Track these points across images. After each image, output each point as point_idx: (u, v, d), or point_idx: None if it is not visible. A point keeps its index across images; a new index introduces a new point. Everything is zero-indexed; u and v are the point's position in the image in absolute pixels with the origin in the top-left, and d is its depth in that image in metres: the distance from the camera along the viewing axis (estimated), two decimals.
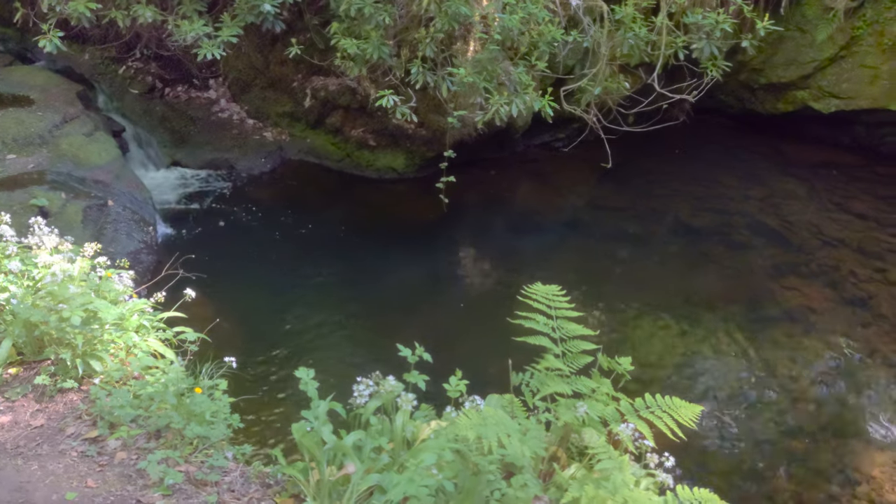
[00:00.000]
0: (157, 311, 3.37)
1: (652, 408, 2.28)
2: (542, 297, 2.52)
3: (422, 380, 2.57)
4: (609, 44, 6.44)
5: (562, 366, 2.36)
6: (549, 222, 6.50)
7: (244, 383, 3.74)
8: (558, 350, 2.39)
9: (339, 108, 7.40)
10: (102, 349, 3.01)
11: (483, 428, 1.97)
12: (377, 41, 5.92)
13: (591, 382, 2.38)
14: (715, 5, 6.48)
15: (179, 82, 7.95)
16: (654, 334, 4.88)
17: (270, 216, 6.50)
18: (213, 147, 7.48)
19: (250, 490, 2.46)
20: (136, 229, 6.18)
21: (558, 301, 2.50)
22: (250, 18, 6.23)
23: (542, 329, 2.41)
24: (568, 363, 2.38)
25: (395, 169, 7.31)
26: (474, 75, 5.81)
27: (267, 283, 5.31)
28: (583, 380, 2.38)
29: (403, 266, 5.68)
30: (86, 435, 2.72)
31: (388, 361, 3.36)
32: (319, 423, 2.30)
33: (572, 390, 2.32)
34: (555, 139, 7.69)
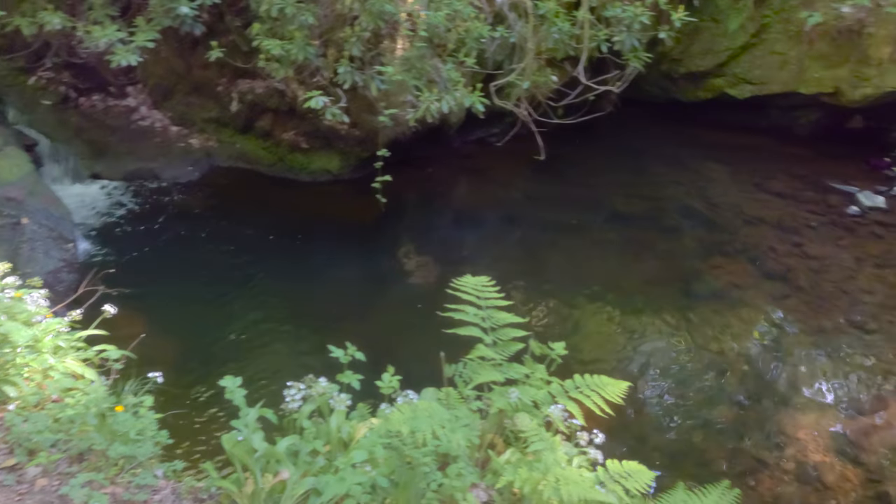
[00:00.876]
0: (75, 330, 3.20)
1: (581, 388, 2.33)
2: (471, 289, 2.52)
3: (356, 379, 2.53)
4: (535, 39, 6.54)
5: (493, 354, 2.37)
6: (487, 216, 6.56)
7: (173, 398, 3.59)
8: (489, 339, 2.41)
9: (268, 111, 7.23)
10: (16, 373, 2.83)
11: (416, 421, 1.96)
12: (302, 42, 5.82)
13: (523, 368, 2.41)
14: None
15: (95, 91, 7.59)
16: (594, 318, 5.00)
17: (200, 225, 6.30)
18: (136, 157, 7.18)
19: None
20: (55, 247, 5.87)
21: (487, 291, 2.52)
22: (167, 22, 6.00)
23: (472, 320, 2.42)
24: (499, 351, 2.39)
25: (330, 171, 7.21)
26: (403, 73, 5.80)
27: (198, 294, 5.14)
28: (515, 366, 2.40)
29: (341, 268, 5.61)
30: (2, 464, 2.55)
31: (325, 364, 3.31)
32: (249, 431, 2.23)
33: (505, 377, 2.33)
34: (489, 134, 7.76)
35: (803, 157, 7.24)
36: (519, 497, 2.03)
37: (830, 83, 7.05)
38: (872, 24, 6.69)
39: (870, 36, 6.72)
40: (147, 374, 2.87)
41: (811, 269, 5.35)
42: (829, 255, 5.55)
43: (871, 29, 6.70)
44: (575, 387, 2.33)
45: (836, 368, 4.39)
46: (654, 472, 2.20)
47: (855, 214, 6.26)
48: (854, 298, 5.05)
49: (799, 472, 3.64)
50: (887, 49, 6.64)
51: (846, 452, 3.75)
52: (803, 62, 7.12)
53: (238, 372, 3.69)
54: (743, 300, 5.10)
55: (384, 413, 2.37)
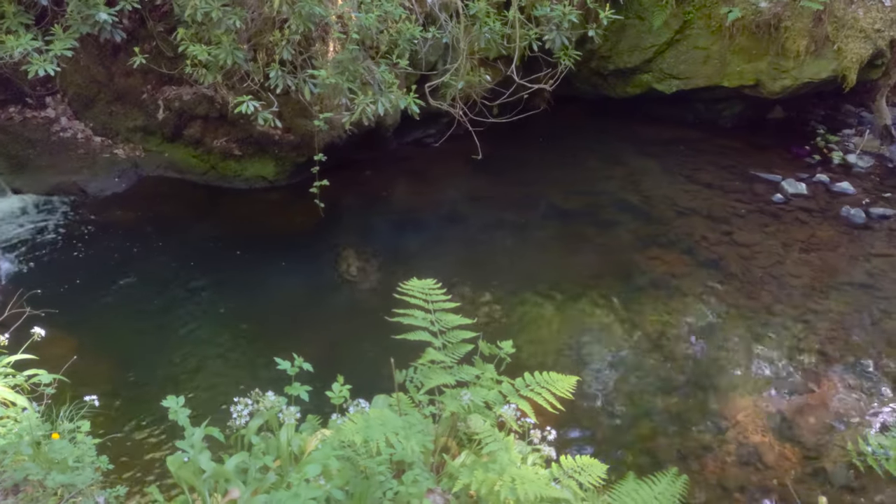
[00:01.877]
0: (2, 355, 3.02)
1: (531, 385, 2.37)
2: (418, 293, 2.53)
3: (304, 391, 2.49)
4: (467, 39, 6.61)
5: (444, 357, 2.38)
6: (427, 217, 6.57)
7: (111, 421, 3.44)
8: (439, 342, 2.42)
9: (197, 118, 7.01)
10: None
11: (368, 430, 1.95)
12: (230, 46, 5.67)
13: (474, 370, 2.43)
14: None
15: (11, 103, 7.17)
16: (537, 314, 5.09)
17: (131, 238, 6.04)
18: (58, 170, 6.82)
19: None
20: None
21: (435, 294, 2.53)
22: (85, 29, 5.74)
23: (421, 324, 2.42)
24: (449, 354, 2.41)
25: (266, 177, 7.06)
26: (336, 76, 5.74)
27: (131, 312, 4.92)
28: (466, 368, 2.42)
29: (281, 276, 5.50)
30: None
31: (272, 378, 3.24)
32: (196, 451, 2.16)
33: (456, 380, 2.35)
34: (426, 135, 7.78)
35: (729, 148, 7.59)
36: (476, 499, 2.05)
37: (752, 76, 7.41)
38: (789, 18, 7.08)
39: (786, 29, 7.10)
40: (83, 398, 2.74)
41: (741, 256, 5.62)
42: (757, 242, 5.85)
43: (787, 23, 7.09)
44: (525, 385, 2.37)
45: (770, 350, 4.64)
46: (605, 465, 2.27)
47: (779, 202, 6.61)
48: (783, 282, 5.34)
49: (740, 454, 3.82)
50: (803, 42, 7.04)
51: (783, 432, 3.96)
52: (725, 56, 7.46)
53: (180, 390, 3.59)
54: (679, 289, 5.31)
55: (336, 423, 2.35)
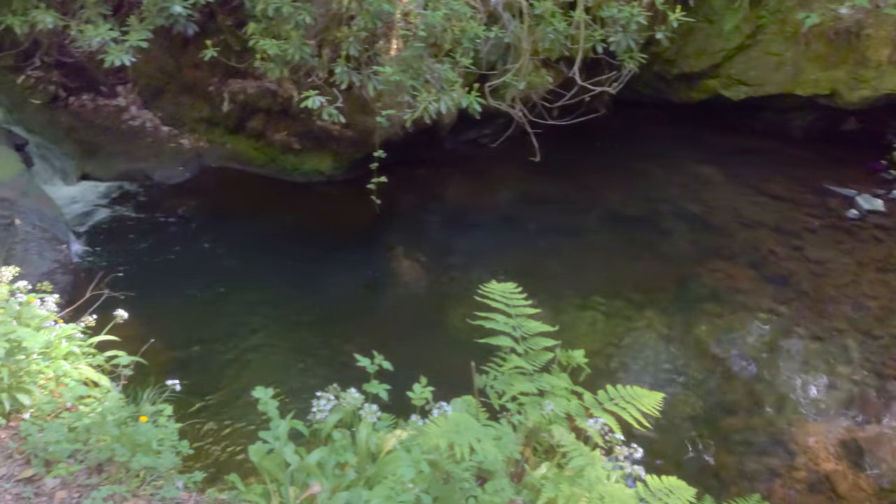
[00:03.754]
0: (86, 335, 3.15)
1: (616, 399, 2.33)
2: (499, 296, 2.52)
3: (383, 389, 2.52)
4: (530, 39, 6.55)
5: (525, 364, 2.37)
6: (482, 218, 6.56)
7: (188, 406, 3.54)
8: (520, 349, 2.41)
9: (260, 111, 7.15)
10: (30, 381, 2.77)
11: (455, 435, 1.95)
12: (298, 41, 5.75)
13: (553, 379, 2.41)
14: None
15: (85, 90, 7.45)
16: (592, 323, 5.02)
17: (194, 226, 6.21)
18: (127, 157, 7.05)
19: None
20: (48, 248, 5.74)
21: (516, 299, 2.52)
22: (160, 21, 5.90)
23: (502, 328, 2.42)
24: (530, 361, 2.40)
25: (323, 172, 7.15)
26: (400, 73, 5.76)
27: (198, 297, 5.06)
28: (545, 377, 2.40)
29: (341, 271, 5.57)
30: (19, 475, 2.50)
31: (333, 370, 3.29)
32: (281, 443, 2.21)
33: (537, 388, 2.34)
34: (482, 135, 7.75)
35: (800, 159, 7.30)
36: None
37: (827, 85, 7.11)
38: (871, 26, 6.70)
39: (868, 37, 6.73)
40: (164, 382, 2.83)
41: (813, 273, 5.42)
42: (830, 259, 5.61)
43: (869, 30, 6.71)
44: (609, 398, 2.34)
45: (844, 375, 4.46)
46: (693, 489, 2.22)
47: (854, 218, 6.29)
48: (858, 303, 5.10)
49: (811, 481, 3.68)
50: (886, 50, 6.67)
51: (858, 461, 3.80)
52: (800, 63, 7.17)
53: (250, 381, 3.68)
54: (744, 304, 5.15)
55: (417, 425, 2.36)
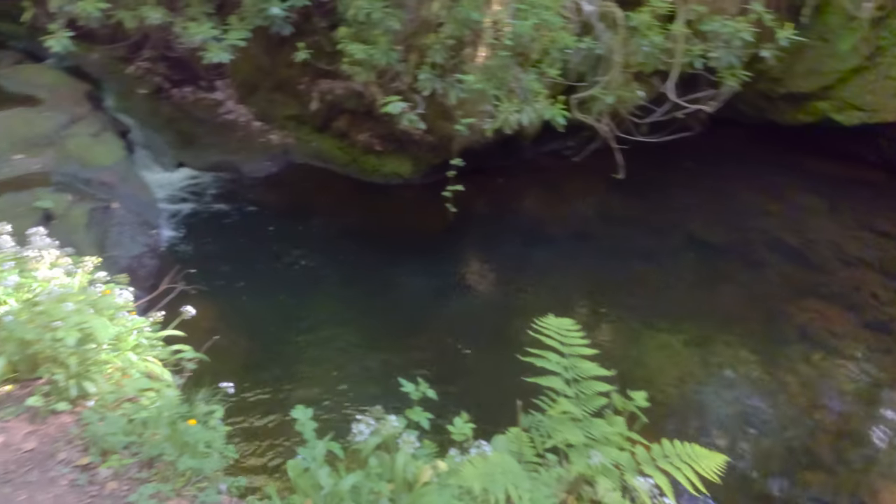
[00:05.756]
0: (155, 328, 3.28)
1: (671, 457, 2.15)
2: (554, 333, 2.39)
3: (425, 418, 2.45)
4: (623, 51, 6.28)
5: (574, 409, 2.23)
6: (557, 233, 6.37)
7: (239, 409, 3.63)
8: (571, 392, 2.27)
9: (346, 111, 7.28)
10: (97, 370, 2.91)
11: (490, 479, 1.85)
12: (385, 46, 5.80)
13: (605, 425, 2.26)
14: (734, 13, 6.30)
15: (186, 83, 7.86)
16: (665, 354, 4.74)
17: (274, 220, 6.40)
18: (220, 149, 7.37)
19: None
20: (140, 233, 6.10)
21: (572, 337, 2.38)
22: (258, 21, 6.13)
23: (554, 368, 2.29)
24: (582, 406, 2.26)
25: (401, 175, 7.20)
26: (484, 82, 5.68)
27: (268, 295, 5.20)
28: (597, 423, 2.25)
29: (408, 277, 5.56)
30: (77, 462, 2.62)
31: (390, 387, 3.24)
32: (316, 465, 2.19)
33: (585, 435, 2.20)
34: (564, 147, 7.53)
35: None
36: None
37: None
38: None
39: None
40: (218, 384, 2.89)
41: None
42: None
43: None
44: (664, 455, 2.16)
45: None
46: None
47: None
48: None
49: None
50: None
51: None
52: None
53: (302, 390, 3.71)
54: (838, 349, 4.70)
55: (454, 460, 2.28)
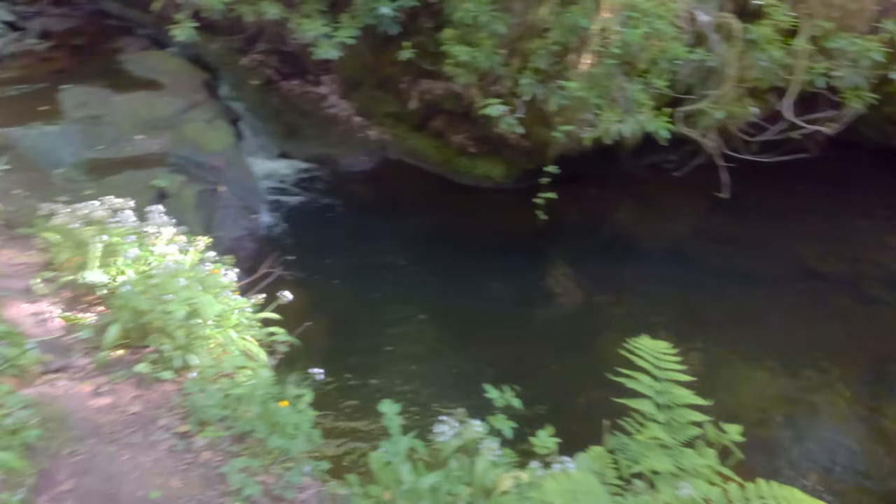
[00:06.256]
0: (254, 309, 3.45)
1: (766, 499, 2.02)
2: (647, 355, 2.31)
3: (508, 427, 2.44)
4: (738, 65, 5.98)
5: (664, 436, 2.15)
6: (651, 249, 6.15)
7: (325, 395, 3.75)
8: (662, 418, 2.19)
9: (444, 112, 7.36)
10: (200, 344, 3.10)
11: (572, 497, 1.82)
12: (489, 50, 5.82)
13: (696, 456, 2.16)
14: (864, 31, 5.86)
15: (295, 76, 8.21)
16: (760, 388, 4.48)
17: (368, 214, 6.58)
18: (320, 142, 7.66)
19: None
20: (242, 216, 6.45)
21: (666, 361, 2.29)
22: (368, 20, 6.32)
23: (645, 391, 2.21)
24: (672, 433, 2.17)
25: (493, 178, 7.20)
26: (586, 90, 5.58)
27: (357, 286, 5.36)
28: (687, 453, 2.16)
29: (494, 281, 5.56)
30: (176, 429, 2.81)
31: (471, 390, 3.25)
32: (399, 460, 2.23)
33: (675, 465, 2.11)
34: (664, 161, 7.26)
35: None
36: None
37: None
38: None
39: None
40: (307, 369, 3.00)
41: None
42: None
43: None
44: (758, 496, 2.03)
45: None
46: None
47: None
48: None
49: None
50: None
51: None
52: None
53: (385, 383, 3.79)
54: None
55: (535, 473, 2.26)
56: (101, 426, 2.75)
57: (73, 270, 3.62)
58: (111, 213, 3.67)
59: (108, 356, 3.11)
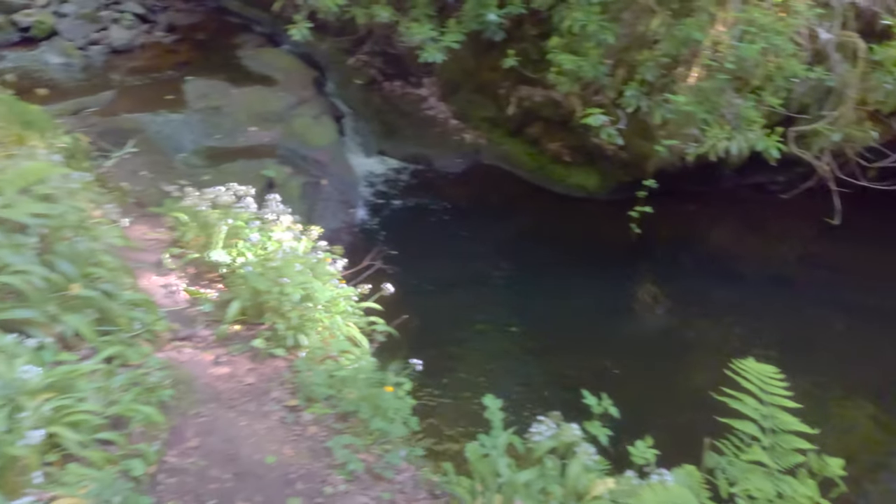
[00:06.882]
0: (359, 298, 3.65)
1: None
2: (754, 378, 2.28)
3: (604, 434, 2.48)
4: (860, 86, 5.68)
5: (767, 460, 2.13)
6: (750, 272, 5.94)
7: (421, 385, 3.89)
8: (766, 442, 2.16)
9: (541, 119, 7.40)
10: (311, 326, 3.32)
11: None
12: (595, 59, 5.81)
13: (797, 484, 2.12)
14: None
15: (397, 78, 8.49)
16: (866, 427, 4.25)
17: (459, 216, 6.72)
18: (417, 142, 7.88)
19: (419, 496, 2.57)
20: (340, 210, 6.76)
21: (773, 386, 2.25)
22: (474, 26, 6.45)
23: (750, 413, 2.19)
24: (776, 459, 2.14)
25: (586, 188, 7.16)
26: (694, 104, 5.46)
27: (449, 284, 5.50)
28: (789, 481, 2.12)
29: (583, 291, 5.55)
30: (286, 402, 3.03)
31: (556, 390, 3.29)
32: (497, 453, 2.33)
33: (775, 490, 2.08)
34: (771, 181, 6.98)
35: None
36: None
37: None
38: None
39: None
40: (408, 360, 3.15)
41: None
42: None
43: None
44: None
45: None
46: None
47: None
48: None
49: None
50: None
51: None
52: None
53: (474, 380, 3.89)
54: None
55: (631, 482, 2.29)
56: (220, 392, 3.01)
57: (198, 249, 3.95)
58: (235, 199, 3.98)
59: (228, 330, 3.39)
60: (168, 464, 2.46)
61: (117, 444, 2.30)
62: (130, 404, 2.39)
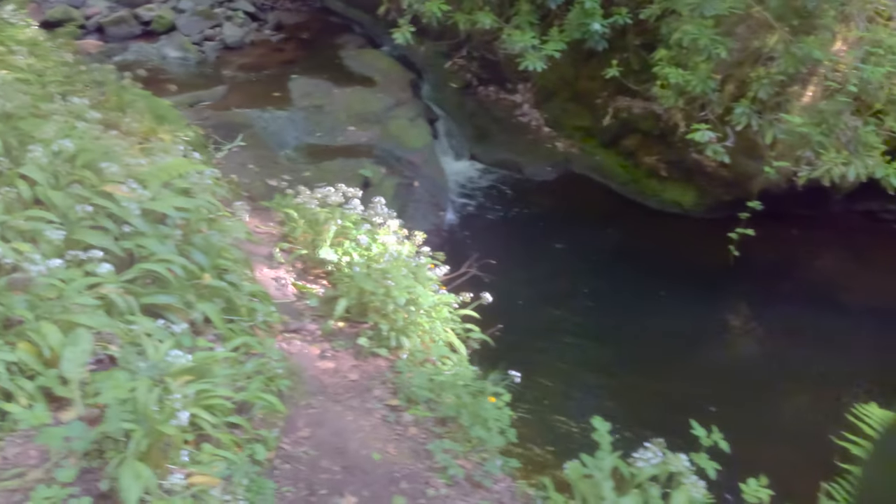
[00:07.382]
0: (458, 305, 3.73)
1: None
2: (875, 423, 2.19)
3: (712, 468, 2.44)
4: None
5: None
6: (854, 303, 5.62)
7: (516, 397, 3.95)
8: None
9: (638, 131, 7.27)
10: (413, 329, 3.43)
11: None
12: (705, 74, 5.65)
13: None
14: None
15: (492, 83, 8.54)
16: None
17: (549, 225, 6.70)
18: (508, 148, 7.91)
19: None
20: (430, 212, 6.88)
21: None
22: (577, 35, 6.40)
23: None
24: None
25: (682, 204, 6.98)
26: (811, 126, 5.22)
27: (539, 295, 5.51)
28: None
29: (681, 312, 5.41)
30: (388, 401, 3.14)
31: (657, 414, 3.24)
32: (603, 476, 2.34)
33: None
34: (884, 209, 6.58)
35: None
36: None
37: None
38: None
39: None
40: (507, 370, 3.20)
41: None
42: None
43: None
44: None
45: None
46: None
47: None
48: None
49: None
50: None
51: None
52: None
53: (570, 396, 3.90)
54: None
55: None
56: (327, 386, 3.16)
57: (306, 245, 4.15)
58: (343, 199, 4.15)
59: (333, 325, 3.55)
60: (283, 451, 2.62)
61: (243, 428, 2.47)
62: (256, 392, 2.56)
